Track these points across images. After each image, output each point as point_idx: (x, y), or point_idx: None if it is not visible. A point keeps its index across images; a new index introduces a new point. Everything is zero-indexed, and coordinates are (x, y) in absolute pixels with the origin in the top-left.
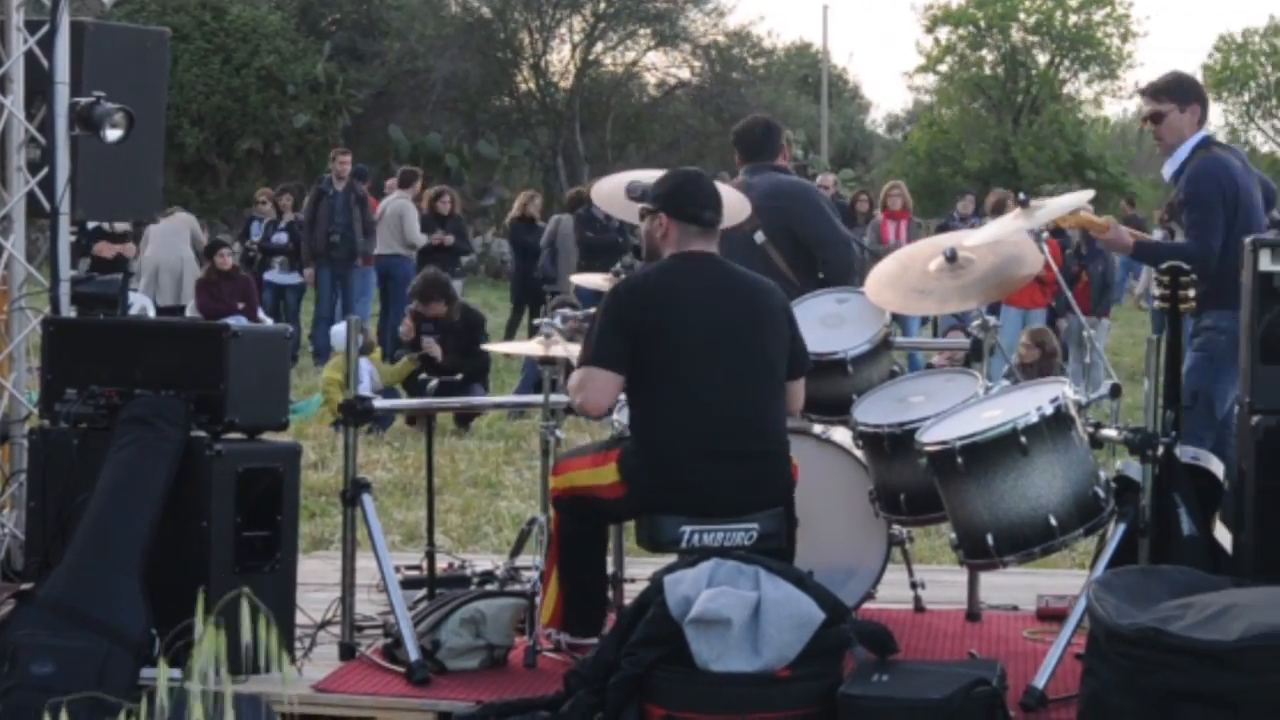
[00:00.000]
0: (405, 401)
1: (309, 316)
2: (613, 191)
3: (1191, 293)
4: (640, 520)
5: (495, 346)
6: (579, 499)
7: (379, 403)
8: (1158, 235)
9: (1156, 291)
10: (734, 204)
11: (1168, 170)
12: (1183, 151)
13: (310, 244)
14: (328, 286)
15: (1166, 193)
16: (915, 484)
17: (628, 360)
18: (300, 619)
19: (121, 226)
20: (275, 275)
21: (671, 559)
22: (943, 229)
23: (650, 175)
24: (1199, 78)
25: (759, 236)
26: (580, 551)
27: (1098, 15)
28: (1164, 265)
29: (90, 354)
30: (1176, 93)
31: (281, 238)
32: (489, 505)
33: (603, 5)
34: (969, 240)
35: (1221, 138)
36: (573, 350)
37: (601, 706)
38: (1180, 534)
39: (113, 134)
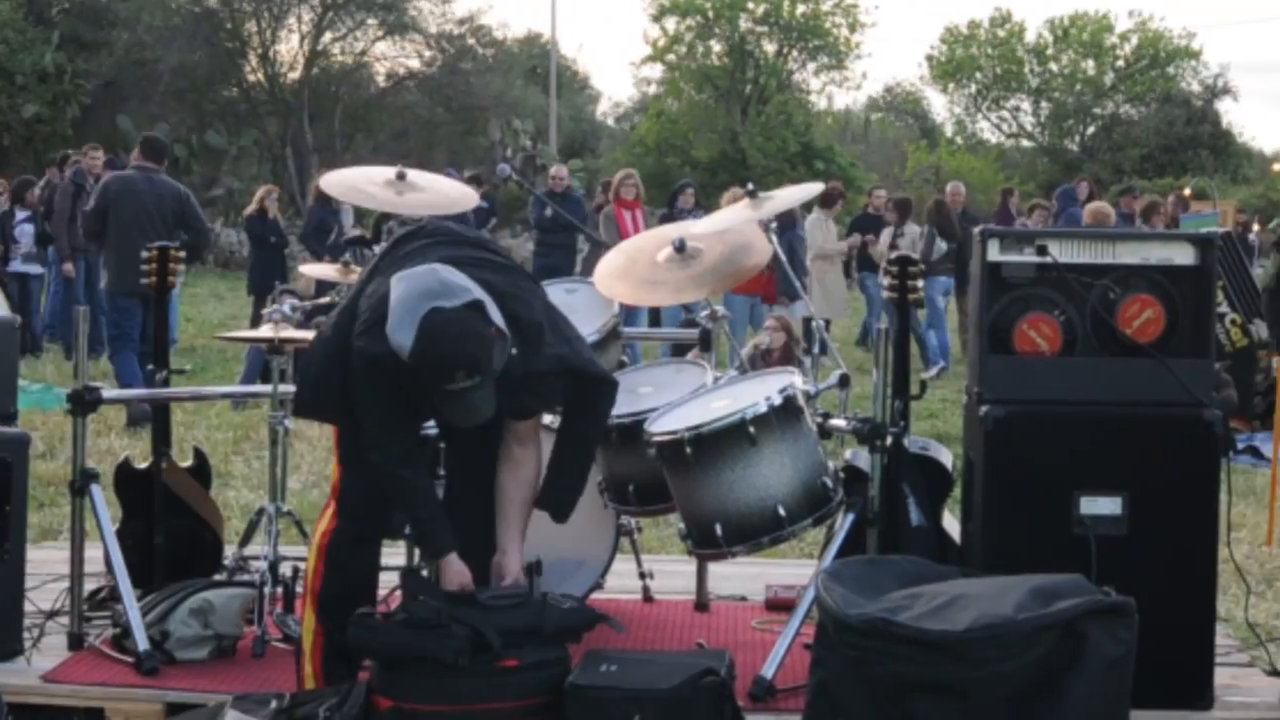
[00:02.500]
0: (131, 392)
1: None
2: (342, 181)
3: (920, 283)
4: None
5: (224, 335)
6: None
7: (108, 393)
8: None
9: (885, 281)
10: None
11: None
12: None
13: (70, 237)
14: (83, 278)
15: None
16: (644, 474)
17: None
18: (28, 608)
19: None
20: (18, 265)
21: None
22: (666, 219)
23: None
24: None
25: None
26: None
27: (826, 5)
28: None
29: None
30: None
31: (27, 228)
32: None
33: None
34: (696, 229)
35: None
36: (300, 337)
37: (331, 697)
38: (909, 524)
39: None
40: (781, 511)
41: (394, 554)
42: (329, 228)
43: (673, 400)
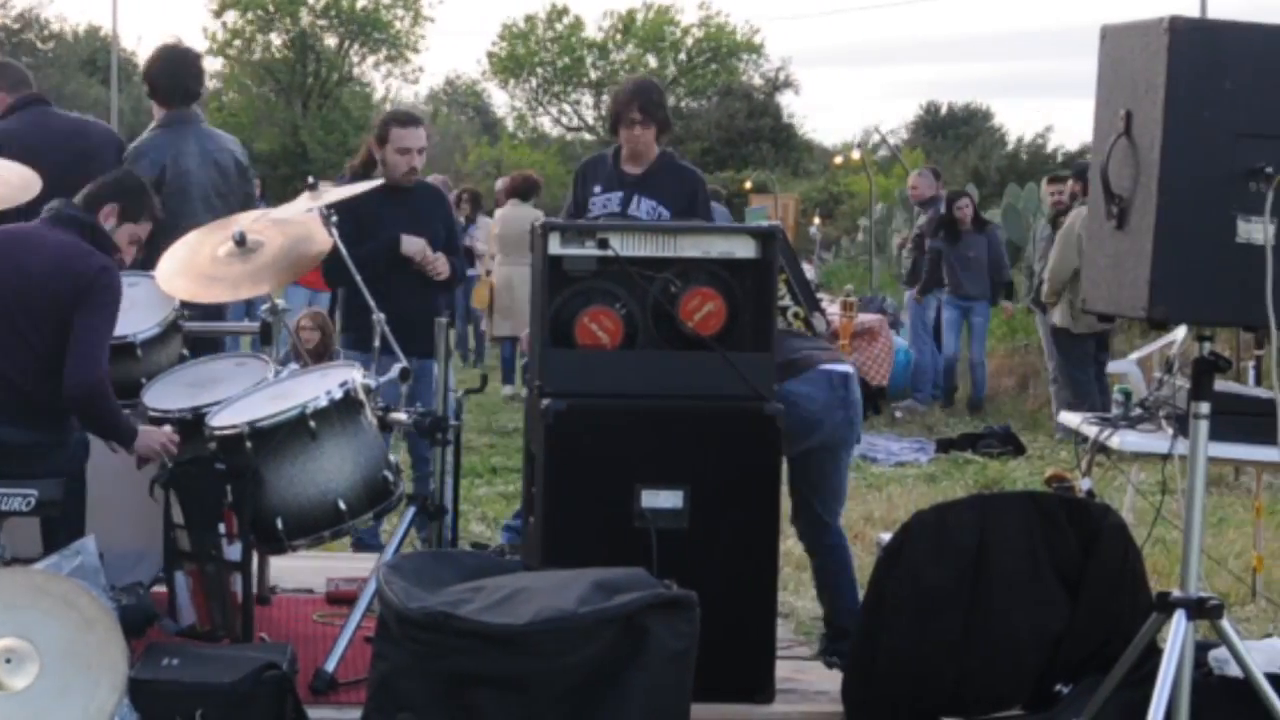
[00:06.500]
0: None
1: None
2: None
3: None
4: None
5: None
6: None
7: None
8: None
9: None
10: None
11: None
12: None
13: None
14: None
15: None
16: None
17: None
18: None
19: None
20: None
21: None
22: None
23: None
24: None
25: None
26: None
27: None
28: None
29: None
30: None
31: None
32: None
33: None
34: (255, 221)
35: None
36: None
37: None
38: None
39: None
40: (342, 505)
41: None
42: None
43: (234, 394)
